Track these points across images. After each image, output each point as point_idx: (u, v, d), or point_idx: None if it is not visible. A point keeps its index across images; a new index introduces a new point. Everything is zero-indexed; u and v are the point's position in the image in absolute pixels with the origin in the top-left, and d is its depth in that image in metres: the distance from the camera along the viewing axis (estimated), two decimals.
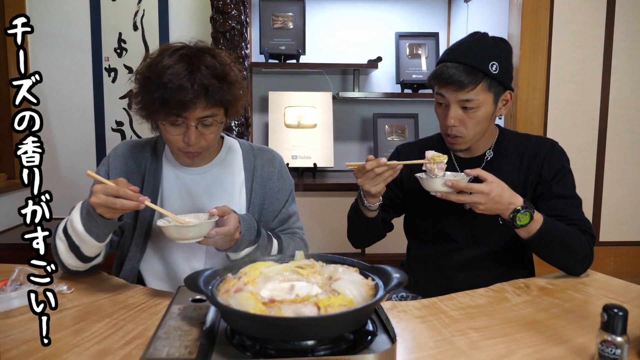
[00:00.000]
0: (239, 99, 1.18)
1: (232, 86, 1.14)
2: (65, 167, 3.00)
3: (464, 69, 1.20)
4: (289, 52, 2.97)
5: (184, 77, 1.06)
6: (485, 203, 1.10)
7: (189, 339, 0.71)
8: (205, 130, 1.14)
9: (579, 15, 2.37)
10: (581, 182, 2.50)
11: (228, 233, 1.05)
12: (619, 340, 0.72)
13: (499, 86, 1.24)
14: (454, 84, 1.20)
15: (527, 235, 1.15)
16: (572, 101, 2.42)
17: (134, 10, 2.95)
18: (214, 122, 1.14)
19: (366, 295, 0.73)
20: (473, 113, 1.22)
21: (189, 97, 1.06)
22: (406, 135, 3.13)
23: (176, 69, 1.07)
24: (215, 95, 1.09)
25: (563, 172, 1.27)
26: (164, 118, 1.11)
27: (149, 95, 1.09)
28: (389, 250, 2.67)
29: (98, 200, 0.97)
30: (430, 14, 3.22)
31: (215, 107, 1.13)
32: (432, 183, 1.14)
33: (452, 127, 1.25)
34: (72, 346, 0.82)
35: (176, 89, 1.06)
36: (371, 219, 1.31)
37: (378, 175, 1.14)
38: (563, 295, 1.08)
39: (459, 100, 1.22)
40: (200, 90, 1.07)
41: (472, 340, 0.86)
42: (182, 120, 1.11)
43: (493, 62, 1.21)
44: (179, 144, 1.14)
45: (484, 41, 1.25)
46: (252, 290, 0.73)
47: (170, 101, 1.07)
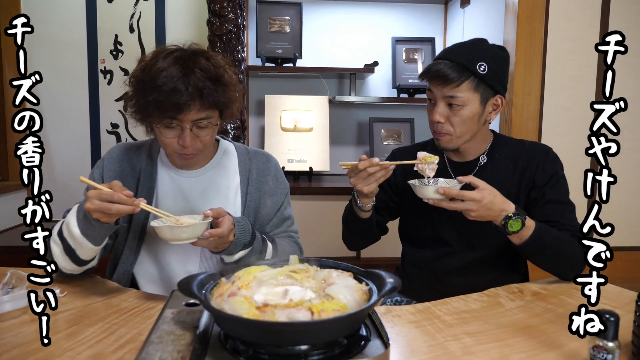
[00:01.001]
0: (233, 101, 1.18)
1: (226, 88, 1.14)
2: (61, 169, 2.99)
3: (451, 65, 1.22)
4: (285, 56, 2.98)
5: (178, 80, 1.06)
6: (477, 210, 1.10)
7: (182, 344, 0.71)
8: (200, 133, 1.14)
9: (574, 21, 2.39)
10: (575, 189, 2.51)
11: (221, 235, 1.05)
12: (611, 346, 0.72)
13: (487, 88, 1.25)
14: (440, 78, 1.23)
15: (519, 242, 1.16)
16: (567, 107, 2.43)
17: (130, 13, 2.95)
18: (209, 124, 1.14)
19: (360, 300, 0.73)
20: (458, 111, 1.24)
21: (184, 100, 1.07)
22: (402, 139, 3.14)
23: (170, 72, 1.07)
24: (209, 98, 1.10)
25: (557, 177, 1.28)
26: (158, 121, 1.11)
27: (144, 98, 1.09)
28: (384, 254, 2.67)
29: (93, 206, 0.97)
30: (427, 19, 3.24)
31: (210, 110, 1.13)
32: (425, 190, 1.15)
33: (437, 124, 1.27)
34: (65, 350, 0.81)
35: (170, 91, 1.06)
36: (365, 220, 1.32)
37: (370, 175, 1.15)
38: (556, 301, 1.08)
39: (444, 96, 1.24)
40: (195, 92, 1.08)
41: (466, 345, 0.86)
42: (177, 122, 1.11)
43: (482, 62, 1.22)
44: (174, 146, 1.14)
45: (479, 44, 1.28)
46: (246, 294, 0.73)
47: (164, 104, 1.07)
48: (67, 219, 1.07)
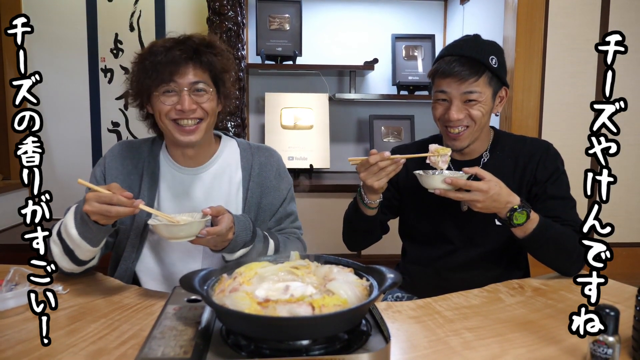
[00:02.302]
0: (227, 70, 1.22)
1: (220, 55, 1.20)
2: (61, 168, 2.99)
3: (466, 60, 1.21)
4: (285, 54, 2.98)
5: (174, 46, 1.14)
6: (483, 201, 1.10)
7: (184, 339, 0.71)
8: (199, 99, 1.16)
9: (574, 18, 2.39)
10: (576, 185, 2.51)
11: (219, 233, 1.04)
12: (611, 340, 0.72)
13: (497, 82, 1.26)
14: (456, 75, 1.21)
15: (523, 235, 1.16)
16: (567, 103, 2.43)
17: (130, 11, 2.95)
18: (206, 89, 1.17)
19: (360, 296, 0.74)
20: (475, 105, 1.23)
21: (178, 55, 1.12)
22: (402, 136, 3.14)
23: (167, 42, 1.15)
24: (204, 58, 1.15)
25: (558, 173, 1.28)
26: (156, 86, 1.14)
27: (142, 67, 1.14)
28: (385, 251, 2.67)
29: (92, 208, 0.97)
30: (427, 16, 3.23)
31: (206, 74, 1.17)
32: (431, 180, 1.14)
33: (456, 121, 1.24)
34: (68, 346, 0.82)
35: (167, 52, 1.12)
36: (370, 217, 1.30)
37: (381, 169, 1.15)
38: (556, 296, 1.09)
39: (461, 93, 1.22)
40: (190, 52, 1.14)
41: (466, 340, 0.86)
42: (175, 85, 1.14)
43: (492, 56, 1.23)
44: (173, 114, 1.15)
45: (480, 39, 1.28)
46: (247, 290, 0.73)
47: (161, 65, 1.12)
48: (65, 220, 1.07)
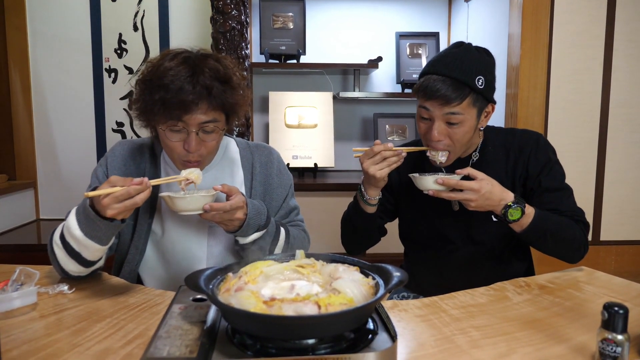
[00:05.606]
0: (240, 104, 1.16)
1: (234, 91, 1.12)
2: (66, 168, 3.00)
3: (450, 82, 1.17)
4: (289, 52, 2.98)
5: (186, 79, 1.05)
6: (476, 200, 1.13)
7: (189, 338, 0.71)
8: (206, 137, 1.12)
9: (580, 14, 2.37)
10: (582, 181, 2.51)
11: (223, 209, 1.04)
12: (620, 339, 0.72)
13: (483, 100, 1.22)
14: (440, 98, 1.17)
15: (520, 230, 1.17)
16: (573, 100, 2.42)
17: (134, 11, 2.95)
18: (215, 128, 1.12)
19: (367, 294, 0.73)
20: (457, 128, 1.20)
21: (191, 98, 1.05)
22: (407, 135, 3.14)
23: (178, 71, 1.06)
24: (217, 98, 1.08)
25: (550, 164, 1.27)
26: (164, 122, 1.09)
27: (150, 97, 1.07)
28: (390, 250, 2.66)
29: (115, 211, 0.95)
30: (431, 14, 3.22)
31: (217, 112, 1.11)
32: (424, 181, 1.18)
33: (437, 142, 1.22)
34: (73, 346, 0.82)
35: (178, 89, 1.04)
36: (370, 215, 1.32)
37: (384, 159, 1.19)
38: (564, 294, 1.08)
39: (443, 114, 1.19)
40: (203, 91, 1.06)
41: (473, 339, 0.86)
42: (183, 125, 1.09)
43: (479, 76, 1.18)
44: (179, 150, 1.12)
45: (469, 53, 1.21)
46: (253, 289, 0.73)
47: (170, 102, 1.05)
48: (68, 223, 1.05)
